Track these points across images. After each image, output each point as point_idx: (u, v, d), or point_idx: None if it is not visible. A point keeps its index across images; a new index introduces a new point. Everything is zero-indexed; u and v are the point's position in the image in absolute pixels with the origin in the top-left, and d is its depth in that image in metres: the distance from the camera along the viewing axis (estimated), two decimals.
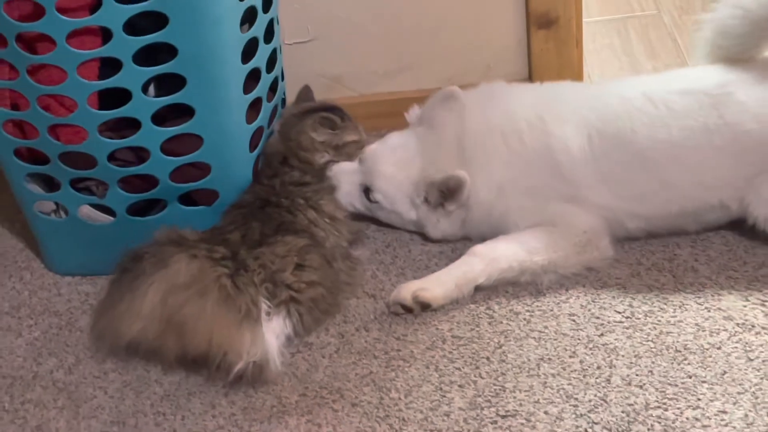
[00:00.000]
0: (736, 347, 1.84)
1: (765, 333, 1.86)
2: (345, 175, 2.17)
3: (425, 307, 2.01)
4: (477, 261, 2.04)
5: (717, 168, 2.02)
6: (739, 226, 2.10)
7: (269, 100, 2.20)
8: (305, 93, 2.31)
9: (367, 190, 2.16)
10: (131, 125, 1.99)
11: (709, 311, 1.94)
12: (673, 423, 1.72)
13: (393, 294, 2.04)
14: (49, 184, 2.14)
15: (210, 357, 1.86)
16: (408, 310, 2.01)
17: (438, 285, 2.02)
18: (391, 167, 2.14)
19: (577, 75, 2.52)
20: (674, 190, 2.04)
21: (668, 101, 2.03)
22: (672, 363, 1.84)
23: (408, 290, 2.01)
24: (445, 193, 2.08)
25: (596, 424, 1.73)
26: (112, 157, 2.03)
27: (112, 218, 2.13)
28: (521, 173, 2.07)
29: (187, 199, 2.13)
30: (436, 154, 2.11)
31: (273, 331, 1.92)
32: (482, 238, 2.11)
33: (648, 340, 1.89)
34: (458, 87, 2.18)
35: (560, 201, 2.06)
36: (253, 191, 2.12)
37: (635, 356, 1.86)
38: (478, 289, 2.04)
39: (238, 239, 1.98)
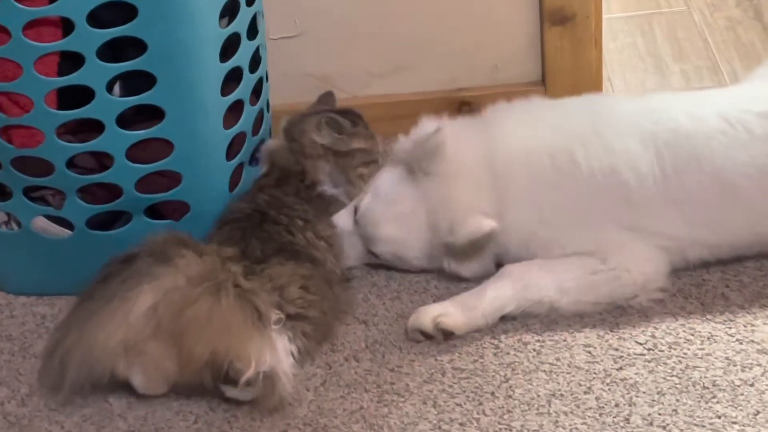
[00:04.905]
0: None
1: None
2: (345, 238, 2.08)
3: (448, 335, 1.94)
4: (508, 285, 1.96)
5: None
6: None
7: (252, 103, 2.15)
8: (326, 98, 2.28)
9: (373, 253, 2.08)
10: (93, 128, 1.95)
11: (741, 343, 1.88)
12: None
13: (411, 319, 1.97)
14: (0, 193, 2.08)
15: (216, 364, 1.79)
16: (428, 337, 1.95)
17: (462, 310, 1.96)
18: (391, 228, 2.05)
19: (595, 77, 2.46)
20: (754, 215, 2.00)
21: (746, 122, 1.98)
22: (699, 401, 1.78)
23: (428, 315, 1.94)
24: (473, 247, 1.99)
25: None
26: (71, 164, 1.99)
27: (69, 232, 2.08)
28: (573, 198, 1.98)
29: (155, 211, 2.08)
30: (446, 203, 1.99)
31: (282, 346, 1.87)
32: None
33: (672, 375, 1.83)
34: (439, 122, 2.06)
35: (617, 229, 1.98)
36: (252, 200, 2.09)
37: (658, 393, 1.80)
38: (503, 319, 1.96)
39: (239, 253, 1.96)
